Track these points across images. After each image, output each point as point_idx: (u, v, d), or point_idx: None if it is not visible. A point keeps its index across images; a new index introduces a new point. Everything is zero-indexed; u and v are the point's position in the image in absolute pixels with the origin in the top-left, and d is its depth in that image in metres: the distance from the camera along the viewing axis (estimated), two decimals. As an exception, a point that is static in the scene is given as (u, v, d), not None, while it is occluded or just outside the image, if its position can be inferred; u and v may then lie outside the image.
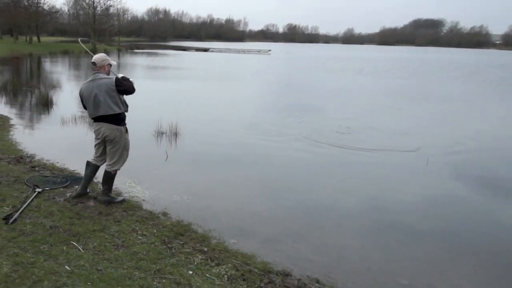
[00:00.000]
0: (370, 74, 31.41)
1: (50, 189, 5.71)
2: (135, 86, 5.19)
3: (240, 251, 4.45)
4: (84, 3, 64.36)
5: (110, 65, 5.18)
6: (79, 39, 7.26)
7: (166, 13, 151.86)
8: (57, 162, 7.17)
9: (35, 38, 60.06)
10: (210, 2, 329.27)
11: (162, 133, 9.54)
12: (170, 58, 45.78)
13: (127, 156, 5.39)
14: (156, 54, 54.66)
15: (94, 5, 62.46)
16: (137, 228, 4.71)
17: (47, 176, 6.29)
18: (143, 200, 5.72)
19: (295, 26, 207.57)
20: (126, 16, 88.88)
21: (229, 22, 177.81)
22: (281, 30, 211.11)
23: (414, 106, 16.21)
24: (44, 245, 4.05)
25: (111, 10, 68.05)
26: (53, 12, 61.76)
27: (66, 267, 3.67)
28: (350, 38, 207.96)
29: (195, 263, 4.02)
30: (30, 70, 28.16)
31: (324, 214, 5.69)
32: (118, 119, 5.08)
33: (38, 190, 5.57)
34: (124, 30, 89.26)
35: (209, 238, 4.68)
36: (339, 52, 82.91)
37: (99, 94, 4.93)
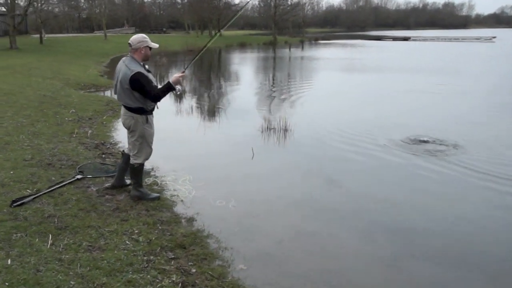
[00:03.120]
0: None
1: (93, 177, 6.00)
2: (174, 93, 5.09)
3: (238, 282, 3.75)
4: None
5: (150, 48, 5.09)
6: None
7: (367, 0, 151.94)
8: (132, 151, 7.55)
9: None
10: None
11: (270, 129, 9.22)
12: (353, 49, 45.36)
13: (150, 150, 5.28)
14: (341, 44, 55.02)
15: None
16: (137, 231, 4.47)
17: (104, 164, 6.66)
18: (181, 200, 5.51)
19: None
20: (320, 5, 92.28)
21: (447, 6, 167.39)
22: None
23: None
24: (18, 234, 4.16)
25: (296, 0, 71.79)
26: (233, 5, 68.61)
27: (9, 261, 3.65)
28: None
29: (158, 286, 3.52)
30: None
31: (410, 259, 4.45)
32: (135, 108, 5.01)
33: (77, 177, 5.91)
34: (315, 21, 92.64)
35: (214, 258, 4.12)
36: None
37: (118, 79, 5.00)
